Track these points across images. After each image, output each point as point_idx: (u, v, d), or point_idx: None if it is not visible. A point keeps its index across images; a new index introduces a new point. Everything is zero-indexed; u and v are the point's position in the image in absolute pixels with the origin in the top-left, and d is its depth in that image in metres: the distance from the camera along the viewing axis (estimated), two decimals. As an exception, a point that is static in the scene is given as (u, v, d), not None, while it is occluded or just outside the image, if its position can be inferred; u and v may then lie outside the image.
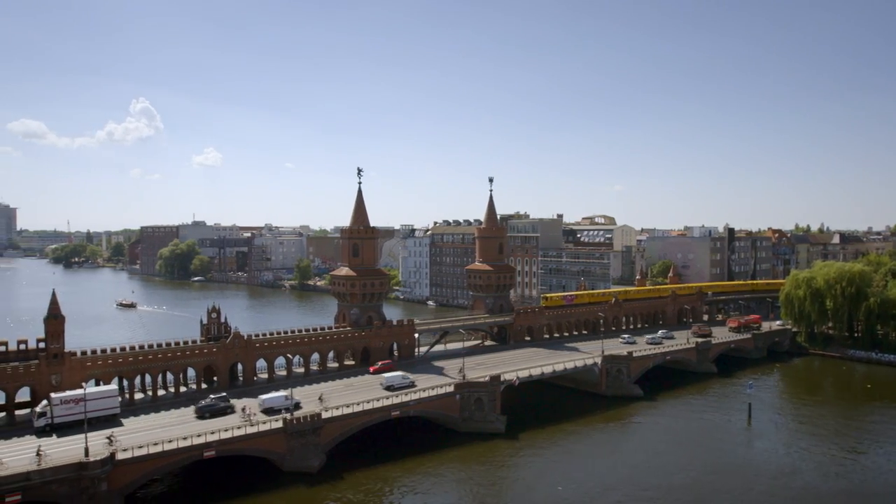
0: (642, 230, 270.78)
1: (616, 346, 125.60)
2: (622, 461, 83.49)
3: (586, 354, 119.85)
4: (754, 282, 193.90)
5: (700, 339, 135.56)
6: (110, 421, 79.35)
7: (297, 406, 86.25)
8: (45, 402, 78.11)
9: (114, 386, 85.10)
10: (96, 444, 69.44)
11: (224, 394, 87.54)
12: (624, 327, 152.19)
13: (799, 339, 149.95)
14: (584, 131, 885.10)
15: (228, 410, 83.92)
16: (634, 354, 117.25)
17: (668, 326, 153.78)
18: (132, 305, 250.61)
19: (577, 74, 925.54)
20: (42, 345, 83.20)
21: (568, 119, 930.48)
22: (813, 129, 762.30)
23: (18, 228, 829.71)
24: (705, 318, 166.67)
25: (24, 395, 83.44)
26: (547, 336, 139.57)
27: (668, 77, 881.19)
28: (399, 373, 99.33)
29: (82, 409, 74.39)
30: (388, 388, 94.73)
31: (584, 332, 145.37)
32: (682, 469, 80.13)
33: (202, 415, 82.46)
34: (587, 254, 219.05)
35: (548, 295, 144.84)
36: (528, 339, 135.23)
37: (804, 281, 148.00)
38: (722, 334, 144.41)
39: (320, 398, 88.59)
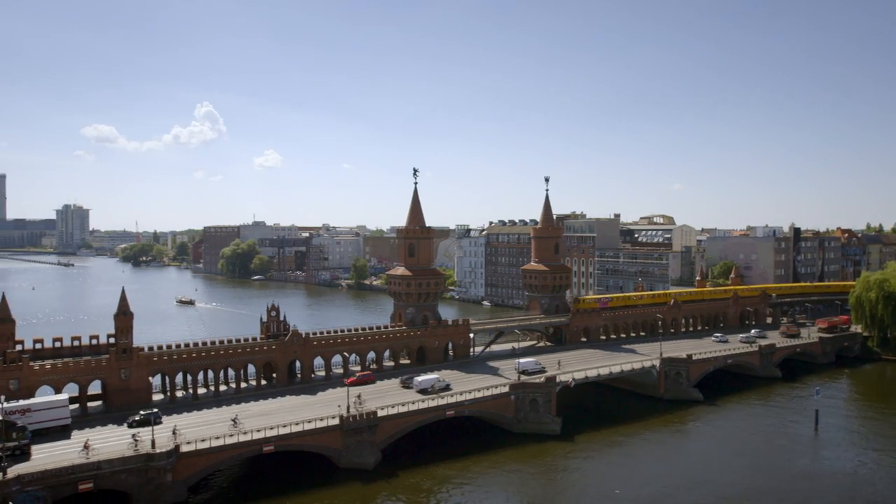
0: (702, 230, 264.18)
1: (676, 349, 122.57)
2: (681, 467, 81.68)
3: (644, 356, 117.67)
4: (822, 284, 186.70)
5: (789, 339, 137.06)
6: (61, 432, 75.03)
7: (447, 388, 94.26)
8: None
9: (64, 396, 79.22)
10: (156, 437, 71.92)
11: (156, 410, 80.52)
12: (683, 329, 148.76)
13: (870, 344, 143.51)
14: (641, 129, 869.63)
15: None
16: (694, 357, 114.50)
17: (730, 329, 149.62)
18: (191, 302, 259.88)
19: (636, 72, 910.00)
20: (112, 340, 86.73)
21: (625, 117, 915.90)
22: (886, 122, 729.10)
23: (91, 229, 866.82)
24: (769, 320, 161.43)
25: (95, 387, 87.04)
26: (604, 337, 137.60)
27: (728, 71, 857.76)
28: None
29: (30, 420, 72.61)
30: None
31: (643, 333, 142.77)
32: (744, 477, 77.78)
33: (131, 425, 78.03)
34: (645, 254, 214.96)
35: (581, 297, 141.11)
36: (584, 340, 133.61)
37: (876, 283, 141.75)
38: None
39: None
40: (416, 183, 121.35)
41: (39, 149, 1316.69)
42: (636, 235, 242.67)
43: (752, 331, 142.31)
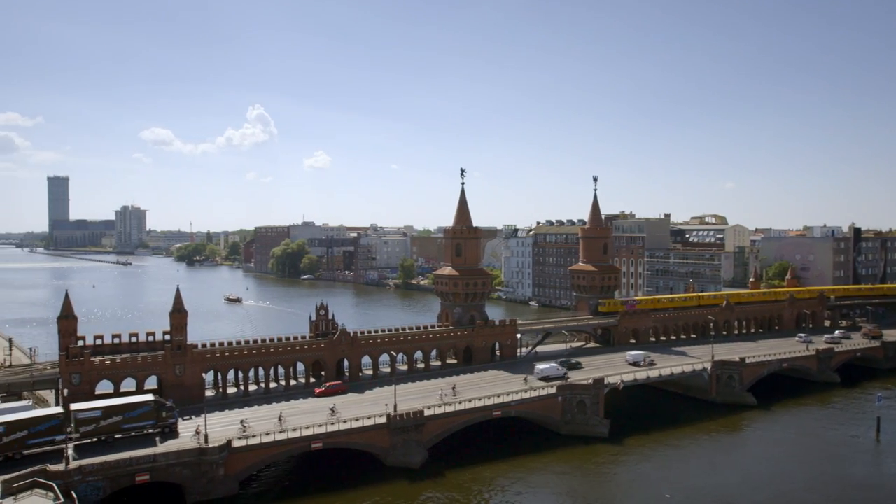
0: (756, 230, 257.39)
1: (728, 352, 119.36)
2: (734, 473, 79.54)
3: (695, 359, 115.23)
4: (885, 286, 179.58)
5: (873, 341, 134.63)
6: None
7: (572, 368, 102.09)
8: None
9: (27, 402, 79.88)
10: (217, 430, 73.67)
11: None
12: (736, 332, 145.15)
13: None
14: (692, 127, 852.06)
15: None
16: (747, 360, 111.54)
17: (786, 332, 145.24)
18: (238, 300, 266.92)
19: (686, 68, 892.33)
20: (167, 337, 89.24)
21: (676, 115, 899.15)
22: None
23: (147, 229, 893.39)
24: (827, 323, 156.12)
25: (151, 382, 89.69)
26: (653, 339, 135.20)
27: (782, 68, 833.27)
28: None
29: None
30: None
31: (693, 335, 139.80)
32: (800, 486, 75.44)
33: None
34: (696, 255, 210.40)
35: (606, 300, 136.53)
36: (633, 341, 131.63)
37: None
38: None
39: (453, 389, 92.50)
40: (463, 183, 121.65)
41: (101, 152, 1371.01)
42: (687, 235, 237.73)
43: (836, 331, 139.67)
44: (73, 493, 59.28)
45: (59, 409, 74.06)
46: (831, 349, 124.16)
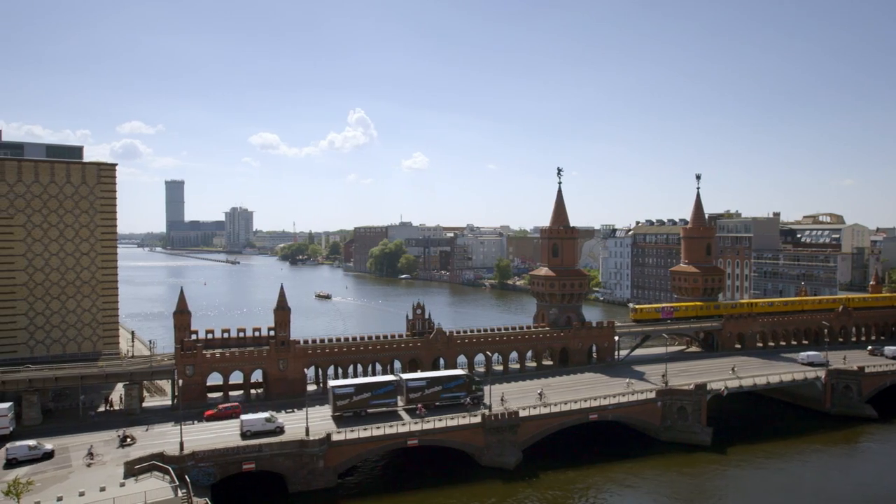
0: (878, 230, 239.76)
1: (850, 360, 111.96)
2: (849, 490, 74.69)
3: (807, 367, 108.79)
4: None
5: None
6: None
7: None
8: None
9: (4, 405, 77.25)
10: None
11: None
12: (854, 339, 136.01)
13: None
14: (805, 121, 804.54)
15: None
16: (867, 369, 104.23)
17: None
18: (328, 297, 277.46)
19: (800, 59, 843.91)
20: (272, 333, 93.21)
21: (787, 108, 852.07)
22: None
23: (254, 229, 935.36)
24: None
25: (256, 376, 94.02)
26: (760, 344, 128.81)
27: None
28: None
29: None
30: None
31: (805, 341, 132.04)
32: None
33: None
34: (809, 256, 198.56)
35: (638, 307, 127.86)
36: (738, 346, 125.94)
37: None
38: None
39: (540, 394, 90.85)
40: (560, 182, 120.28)
41: (213, 157, 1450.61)
42: (798, 236, 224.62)
43: None
44: (186, 476, 62.96)
45: (393, 377, 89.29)
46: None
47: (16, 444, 69.11)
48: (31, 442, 69.71)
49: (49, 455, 69.08)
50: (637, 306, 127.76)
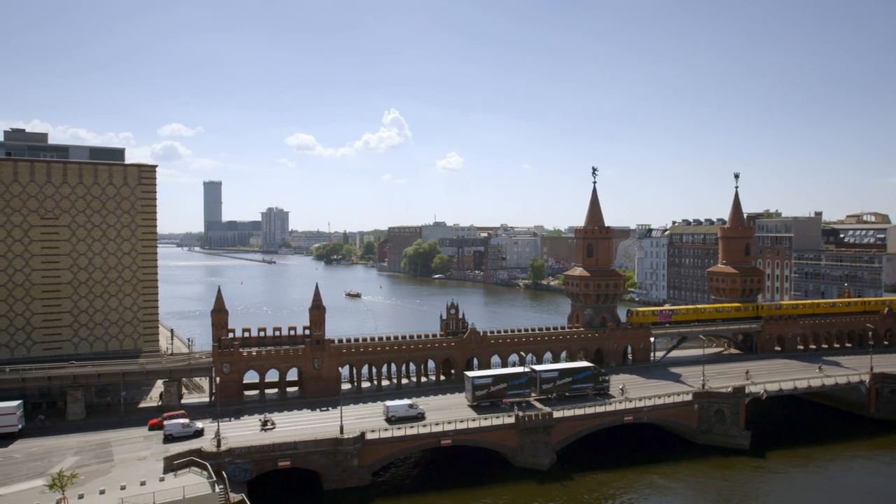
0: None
1: (892, 364, 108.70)
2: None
3: (850, 370, 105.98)
4: None
5: None
6: (7, 439, 74.94)
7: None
8: None
9: (13, 403, 78.43)
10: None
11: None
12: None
13: None
14: (848, 118, 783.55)
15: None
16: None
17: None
18: (357, 296, 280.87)
19: (841, 55, 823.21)
20: (307, 332, 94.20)
21: (828, 106, 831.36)
22: None
23: (290, 229, 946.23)
24: None
25: (292, 374, 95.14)
26: (801, 347, 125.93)
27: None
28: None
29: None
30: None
31: (849, 344, 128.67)
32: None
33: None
34: (853, 256, 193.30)
35: (635, 310, 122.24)
36: (778, 349, 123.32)
37: None
38: None
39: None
40: (594, 182, 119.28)
41: (250, 158, 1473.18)
42: (841, 235, 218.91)
43: None
44: (223, 472, 64.07)
45: (526, 369, 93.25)
46: None
47: (172, 420, 76.35)
48: (185, 420, 76.79)
49: (199, 433, 75.36)
50: (632, 309, 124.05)
